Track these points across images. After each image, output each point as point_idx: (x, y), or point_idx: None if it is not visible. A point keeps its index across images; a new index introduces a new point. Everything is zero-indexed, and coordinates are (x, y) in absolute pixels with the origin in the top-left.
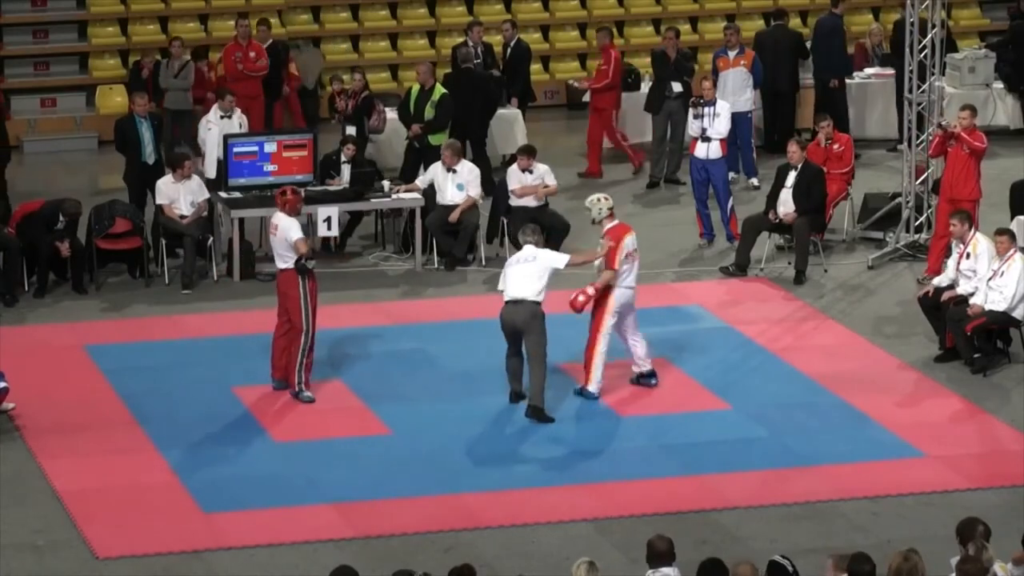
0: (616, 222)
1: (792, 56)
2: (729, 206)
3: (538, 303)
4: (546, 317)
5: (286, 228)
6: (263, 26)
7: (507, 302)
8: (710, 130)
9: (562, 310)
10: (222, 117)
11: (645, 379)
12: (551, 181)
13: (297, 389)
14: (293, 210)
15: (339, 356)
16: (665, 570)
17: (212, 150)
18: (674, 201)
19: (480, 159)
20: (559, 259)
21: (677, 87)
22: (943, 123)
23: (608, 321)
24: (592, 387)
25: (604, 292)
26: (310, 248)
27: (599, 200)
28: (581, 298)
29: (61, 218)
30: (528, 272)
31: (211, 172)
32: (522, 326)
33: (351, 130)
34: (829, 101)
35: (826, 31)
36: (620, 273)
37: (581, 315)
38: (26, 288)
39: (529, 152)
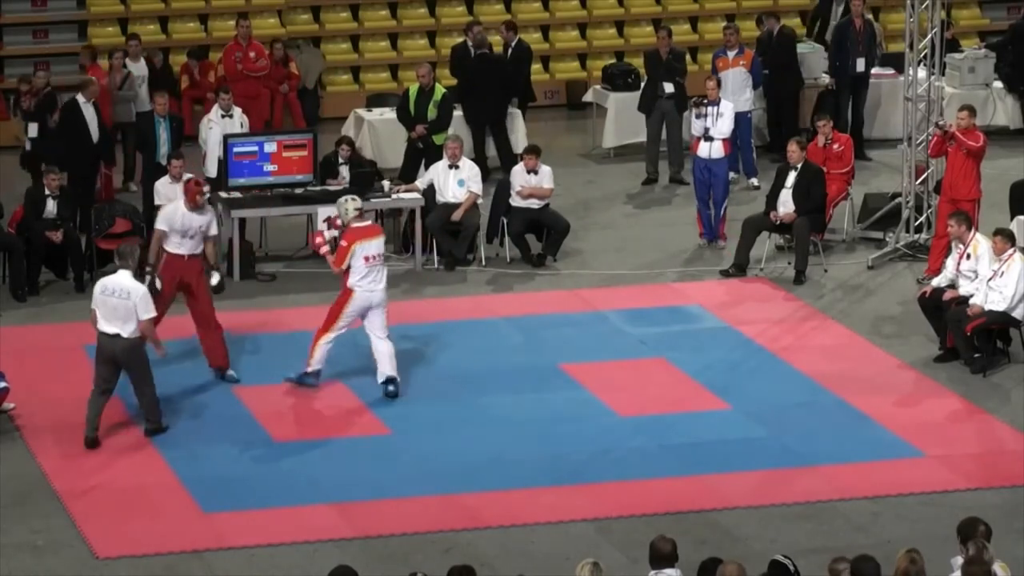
0: (363, 224)
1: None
2: (723, 208)
3: (136, 336)
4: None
5: None
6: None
7: (103, 333)
8: (713, 130)
9: (559, 309)
10: (223, 116)
11: (387, 385)
12: (548, 184)
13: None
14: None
15: (339, 356)
16: (668, 571)
17: (213, 149)
18: (674, 201)
19: (503, 146)
20: (145, 311)
21: (669, 87)
22: (940, 122)
23: (342, 320)
24: (311, 368)
25: (345, 291)
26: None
27: (347, 201)
28: (319, 240)
29: (50, 201)
30: (125, 308)
31: (212, 171)
32: (122, 358)
33: (33, 128)
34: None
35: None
36: (356, 273)
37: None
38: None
39: (536, 152)
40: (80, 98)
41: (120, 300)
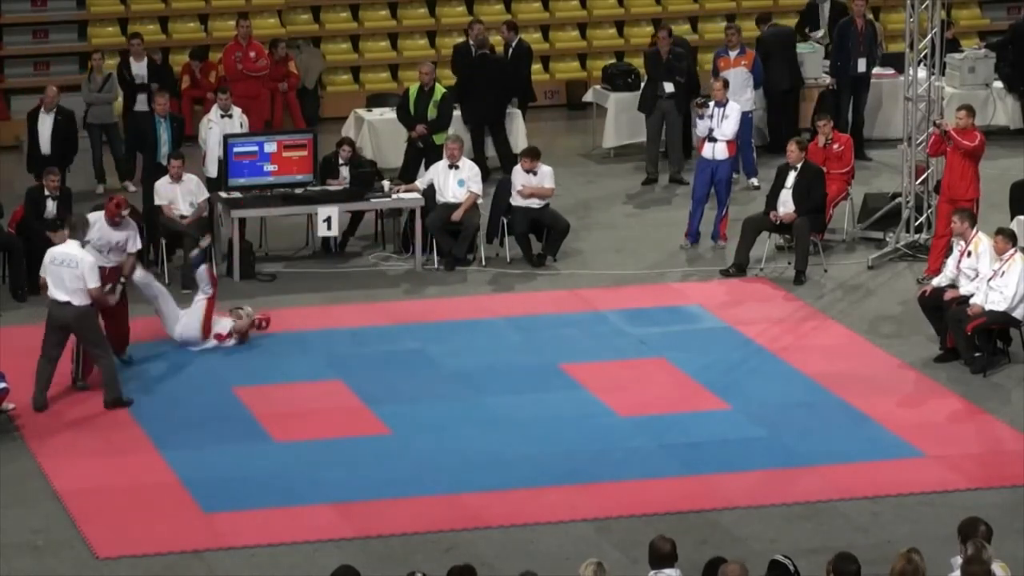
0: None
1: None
2: (725, 208)
3: (86, 304)
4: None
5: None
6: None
7: (54, 301)
8: (716, 131)
9: (559, 310)
10: (223, 116)
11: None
12: (549, 184)
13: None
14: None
15: (339, 356)
16: (667, 571)
17: (213, 149)
18: (674, 201)
19: (502, 146)
20: (91, 279)
21: (669, 87)
22: (937, 121)
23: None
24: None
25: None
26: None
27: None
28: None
29: (49, 201)
30: (72, 277)
31: (212, 171)
32: (74, 325)
33: None
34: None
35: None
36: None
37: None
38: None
39: (533, 154)
40: (42, 107)
41: (69, 269)
